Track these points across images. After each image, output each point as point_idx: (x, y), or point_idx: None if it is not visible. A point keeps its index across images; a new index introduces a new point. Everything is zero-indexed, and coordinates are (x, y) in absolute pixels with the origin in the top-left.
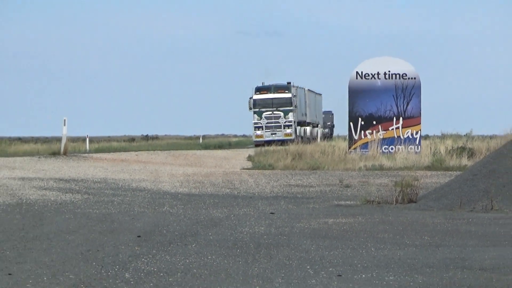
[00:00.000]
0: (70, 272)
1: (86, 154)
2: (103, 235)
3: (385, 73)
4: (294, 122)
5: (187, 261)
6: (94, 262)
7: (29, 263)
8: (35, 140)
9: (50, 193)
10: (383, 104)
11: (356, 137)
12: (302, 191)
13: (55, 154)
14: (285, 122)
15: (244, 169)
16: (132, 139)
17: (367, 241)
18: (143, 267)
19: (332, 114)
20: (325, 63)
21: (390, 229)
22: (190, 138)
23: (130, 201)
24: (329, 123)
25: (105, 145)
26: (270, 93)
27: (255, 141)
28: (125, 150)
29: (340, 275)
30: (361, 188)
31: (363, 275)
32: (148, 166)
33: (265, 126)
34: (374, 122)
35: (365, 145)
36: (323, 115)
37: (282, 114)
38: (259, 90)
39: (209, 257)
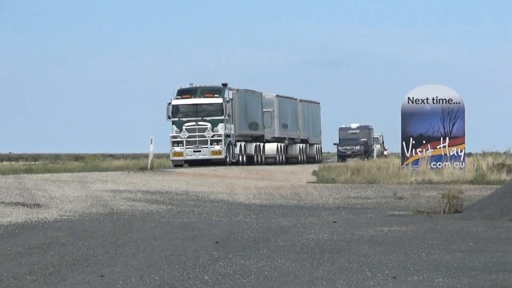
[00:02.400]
0: (155, 274)
1: (170, 169)
2: (184, 241)
3: (433, 99)
4: (226, 136)
5: (259, 264)
6: (177, 265)
7: (119, 266)
8: (125, 156)
9: (138, 204)
10: (431, 126)
11: (408, 155)
12: (360, 202)
13: (142, 169)
14: (212, 136)
15: (309, 182)
16: None
17: (418, 247)
18: (220, 270)
19: (370, 129)
20: (377, 90)
21: (439, 236)
22: None
23: (209, 211)
24: (364, 139)
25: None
26: (196, 97)
27: (172, 160)
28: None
29: (395, 277)
30: (412, 200)
31: (415, 277)
32: (224, 180)
33: (186, 141)
34: (424, 142)
35: (416, 162)
36: (358, 131)
37: (209, 125)
38: (181, 93)
39: (279, 261)
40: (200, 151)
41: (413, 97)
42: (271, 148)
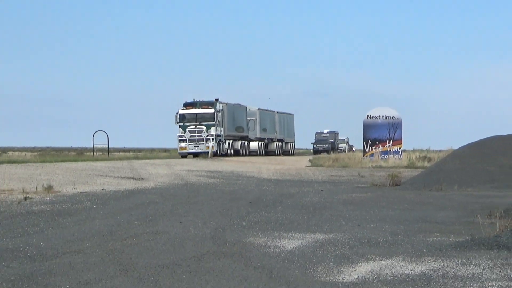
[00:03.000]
0: (213, 222)
1: (221, 158)
2: (231, 201)
3: (383, 116)
4: (217, 135)
5: (276, 216)
6: (226, 216)
7: (191, 216)
8: (163, 150)
9: (202, 178)
10: (381, 133)
11: (367, 150)
12: (338, 179)
13: (205, 158)
14: (207, 136)
15: (307, 166)
16: None
17: (373, 207)
18: (252, 219)
19: (336, 133)
20: (348, 110)
21: (385, 200)
22: None
23: (245, 183)
24: (332, 140)
25: None
26: (195, 108)
27: (179, 153)
28: None
29: (359, 225)
30: (369, 177)
31: (372, 225)
32: (255, 165)
33: (189, 139)
34: (376, 142)
35: (372, 155)
36: (328, 134)
37: (204, 128)
38: (185, 105)
39: (288, 214)
40: (198, 146)
41: (370, 115)
42: (254, 145)
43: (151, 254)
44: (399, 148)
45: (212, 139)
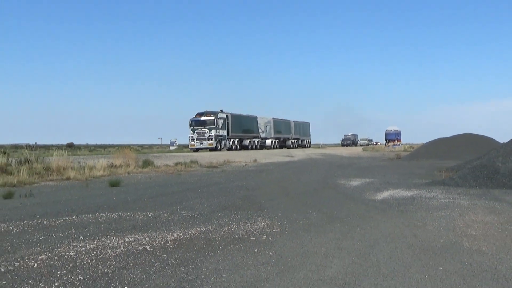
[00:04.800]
0: (322, 174)
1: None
2: (329, 165)
3: (392, 130)
4: (217, 136)
5: (349, 171)
6: (327, 171)
7: (313, 172)
8: None
9: (318, 156)
10: (392, 136)
11: (386, 144)
12: (373, 156)
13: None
14: (209, 136)
15: (361, 151)
16: None
17: (389, 167)
18: (338, 173)
19: (355, 135)
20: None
21: (395, 165)
22: None
23: (334, 157)
24: (353, 139)
25: None
26: (202, 116)
27: (190, 148)
28: None
29: (384, 175)
30: (388, 155)
31: (389, 175)
32: (290, 152)
33: (196, 138)
34: (389, 140)
35: (389, 146)
36: (351, 135)
37: (207, 130)
38: (196, 114)
39: (353, 171)
40: (202, 143)
41: (387, 129)
42: (268, 142)
43: (296, 187)
44: (400, 143)
45: (212, 138)
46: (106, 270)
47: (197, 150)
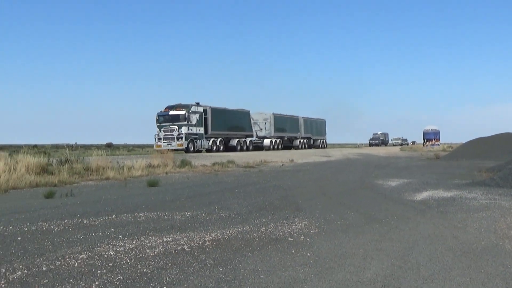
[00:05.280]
0: (358, 174)
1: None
2: (365, 165)
3: (431, 129)
4: (189, 134)
5: (386, 171)
6: (364, 171)
7: (351, 171)
8: None
9: (354, 156)
10: (431, 136)
11: (424, 143)
12: (411, 155)
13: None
14: (178, 135)
15: (398, 151)
16: None
17: (427, 168)
18: (376, 173)
19: (386, 134)
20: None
21: (433, 165)
22: None
23: (371, 157)
24: (382, 138)
25: None
26: (171, 110)
27: (156, 150)
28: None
29: (422, 175)
30: (426, 155)
31: (427, 175)
32: (328, 152)
33: (163, 137)
34: (427, 140)
35: (427, 146)
36: (379, 134)
37: (176, 128)
38: (165, 108)
39: (391, 171)
40: (170, 144)
41: (426, 129)
42: (266, 141)
43: (334, 187)
44: (438, 143)
45: (181, 137)
46: (145, 270)
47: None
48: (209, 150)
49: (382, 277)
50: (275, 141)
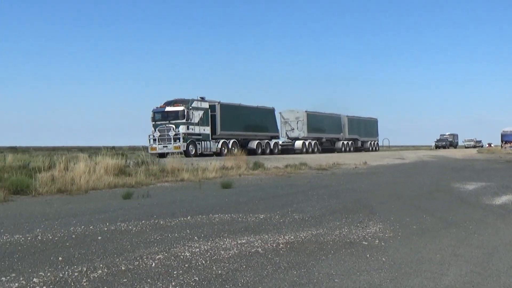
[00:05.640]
0: (434, 177)
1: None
2: (441, 168)
3: (509, 131)
4: (189, 135)
5: (464, 174)
6: (440, 174)
7: (425, 174)
8: None
9: (429, 158)
10: (510, 137)
11: (503, 145)
12: (489, 158)
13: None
14: (174, 135)
15: (476, 153)
16: None
17: (506, 171)
18: (453, 175)
19: (454, 135)
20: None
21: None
22: None
23: (446, 160)
24: (450, 139)
25: None
26: (168, 106)
27: (150, 153)
28: None
29: (501, 178)
30: (504, 158)
31: (507, 178)
32: (401, 154)
33: (158, 138)
34: (505, 142)
35: (505, 148)
36: (447, 135)
37: (173, 127)
38: (164, 104)
39: (468, 173)
40: (167, 146)
41: (504, 130)
42: (298, 143)
43: (408, 190)
44: None
45: (178, 138)
46: (220, 272)
47: (164, 155)
48: (218, 154)
49: (461, 284)
50: (309, 143)
